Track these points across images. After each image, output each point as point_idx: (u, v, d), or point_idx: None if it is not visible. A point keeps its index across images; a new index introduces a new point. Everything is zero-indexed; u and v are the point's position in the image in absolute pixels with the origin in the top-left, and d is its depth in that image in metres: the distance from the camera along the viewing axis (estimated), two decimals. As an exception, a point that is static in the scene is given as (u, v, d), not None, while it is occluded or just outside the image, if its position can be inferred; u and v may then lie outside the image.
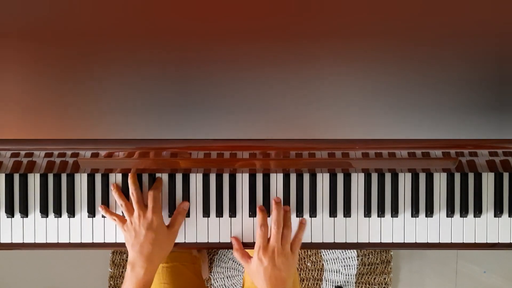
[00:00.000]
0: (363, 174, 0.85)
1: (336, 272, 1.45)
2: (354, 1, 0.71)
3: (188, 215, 0.85)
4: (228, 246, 0.86)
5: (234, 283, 1.45)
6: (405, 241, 0.85)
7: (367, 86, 0.71)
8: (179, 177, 0.85)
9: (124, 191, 0.84)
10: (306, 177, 0.85)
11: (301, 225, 0.85)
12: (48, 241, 0.85)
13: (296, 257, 0.83)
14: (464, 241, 0.85)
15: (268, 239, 0.81)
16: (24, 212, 0.85)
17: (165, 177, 0.85)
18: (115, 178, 0.85)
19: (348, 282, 1.45)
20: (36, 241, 0.85)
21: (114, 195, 0.83)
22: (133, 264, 0.78)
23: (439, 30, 0.71)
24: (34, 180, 0.85)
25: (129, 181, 0.83)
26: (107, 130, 0.72)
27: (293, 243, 0.83)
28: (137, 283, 0.77)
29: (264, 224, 0.82)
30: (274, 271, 0.78)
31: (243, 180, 0.85)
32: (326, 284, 1.45)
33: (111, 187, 0.84)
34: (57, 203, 0.85)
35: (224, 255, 1.45)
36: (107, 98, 0.71)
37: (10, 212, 0.85)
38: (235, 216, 0.85)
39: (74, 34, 0.71)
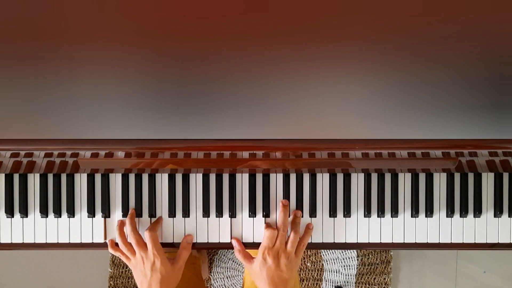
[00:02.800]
0: (363, 174, 0.85)
1: (336, 272, 1.45)
2: (354, 1, 0.71)
3: (188, 215, 0.85)
4: (228, 246, 0.86)
5: (234, 283, 1.45)
6: (405, 241, 0.85)
7: (367, 86, 0.71)
8: (179, 177, 0.85)
9: (124, 190, 0.84)
10: (306, 177, 0.85)
11: (308, 230, 0.84)
12: (48, 241, 0.85)
13: (299, 261, 0.83)
14: (464, 241, 0.85)
15: (275, 241, 0.81)
16: (24, 212, 0.85)
17: (165, 177, 0.85)
18: (115, 178, 0.85)
19: (348, 282, 1.45)
20: (36, 241, 0.85)
21: (116, 234, 0.83)
22: None
23: (439, 30, 0.71)
24: (34, 180, 0.85)
25: (127, 222, 0.83)
26: (107, 130, 0.72)
27: (298, 247, 0.83)
28: None
29: (271, 226, 0.82)
30: (277, 272, 0.79)
31: (243, 180, 0.85)
32: (326, 284, 1.45)
33: (117, 226, 0.84)
34: (57, 203, 0.85)
35: (224, 255, 1.45)
36: (107, 98, 0.71)
37: (10, 212, 0.85)
38: (235, 217, 0.85)
39: (73, 34, 0.71)
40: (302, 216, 0.85)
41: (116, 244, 0.84)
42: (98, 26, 0.71)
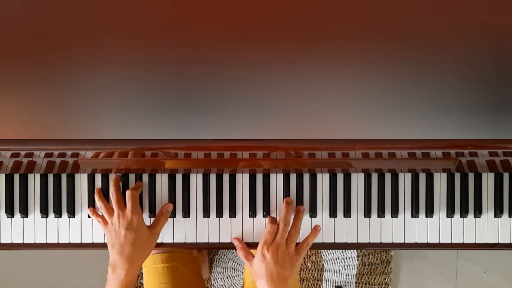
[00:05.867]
0: (363, 174, 0.85)
1: (336, 272, 1.45)
2: (355, 2, 0.71)
3: (188, 215, 0.85)
4: (228, 246, 0.86)
5: (234, 283, 1.45)
6: (405, 241, 0.85)
7: (367, 87, 0.72)
8: (179, 177, 0.85)
9: (124, 190, 0.84)
10: (306, 177, 0.85)
11: (314, 231, 0.84)
12: (48, 241, 0.85)
13: (301, 259, 0.82)
14: (464, 241, 0.85)
15: (275, 237, 0.81)
16: (24, 212, 0.85)
17: (165, 177, 0.85)
18: (115, 178, 0.85)
19: (348, 282, 1.45)
20: (36, 241, 0.85)
21: (95, 198, 0.83)
22: (114, 265, 0.77)
23: (439, 31, 0.71)
24: (34, 180, 0.85)
25: (111, 183, 0.82)
26: (107, 130, 0.72)
27: (301, 245, 0.82)
28: (119, 285, 0.76)
29: (273, 221, 0.81)
30: (276, 268, 0.78)
31: (243, 180, 0.85)
32: (326, 284, 1.45)
33: (95, 191, 0.84)
34: (57, 203, 0.85)
35: (224, 255, 1.45)
36: (107, 98, 0.71)
37: (10, 212, 0.85)
38: (235, 217, 0.85)
39: (74, 34, 0.71)
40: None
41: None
42: (99, 27, 0.71)
